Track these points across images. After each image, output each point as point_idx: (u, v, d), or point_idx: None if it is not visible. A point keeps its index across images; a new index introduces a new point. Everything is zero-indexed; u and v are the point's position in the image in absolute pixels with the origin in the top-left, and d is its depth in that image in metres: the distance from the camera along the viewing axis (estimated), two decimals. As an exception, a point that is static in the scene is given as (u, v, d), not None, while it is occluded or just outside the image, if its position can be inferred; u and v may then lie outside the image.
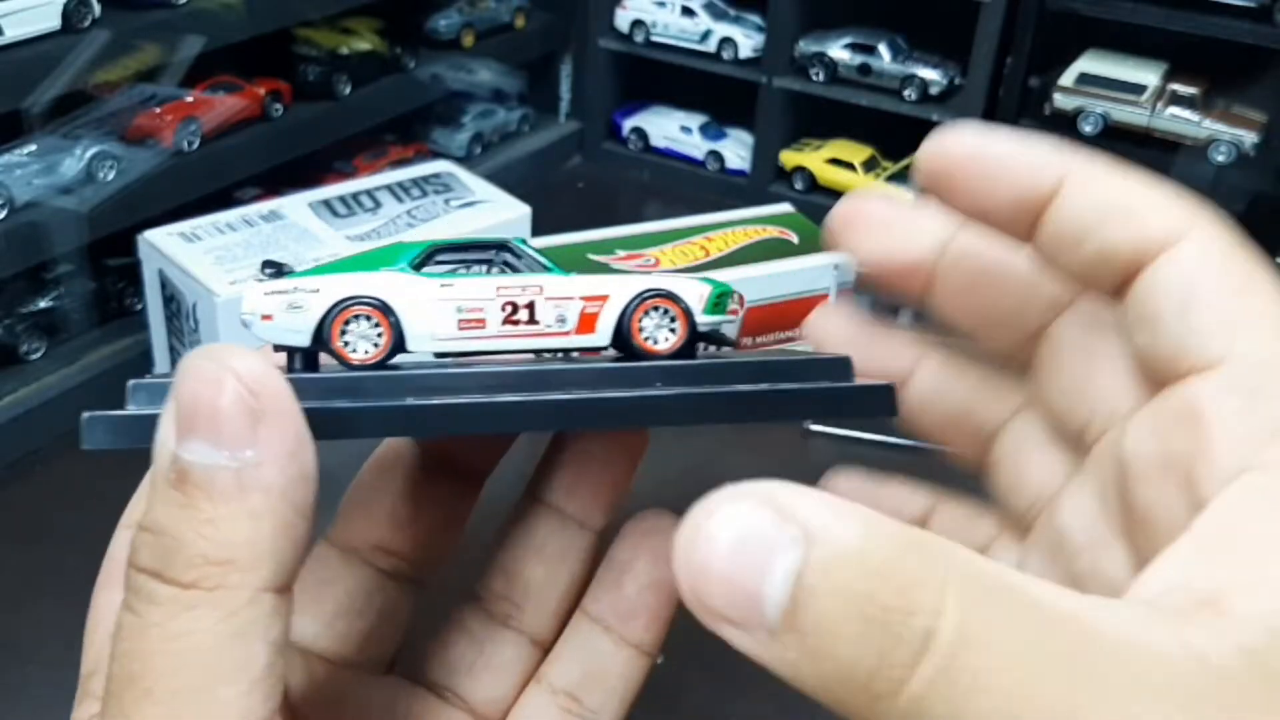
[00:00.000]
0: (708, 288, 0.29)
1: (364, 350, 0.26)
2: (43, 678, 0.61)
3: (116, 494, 0.81)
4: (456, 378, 0.25)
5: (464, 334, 0.27)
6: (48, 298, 0.82)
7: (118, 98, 0.85)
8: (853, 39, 1.15)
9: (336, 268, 0.27)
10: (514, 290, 0.27)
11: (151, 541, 0.22)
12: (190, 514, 0.22)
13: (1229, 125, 1.04)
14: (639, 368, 0.27)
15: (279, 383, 0.22)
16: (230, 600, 0.22)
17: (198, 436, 0.22)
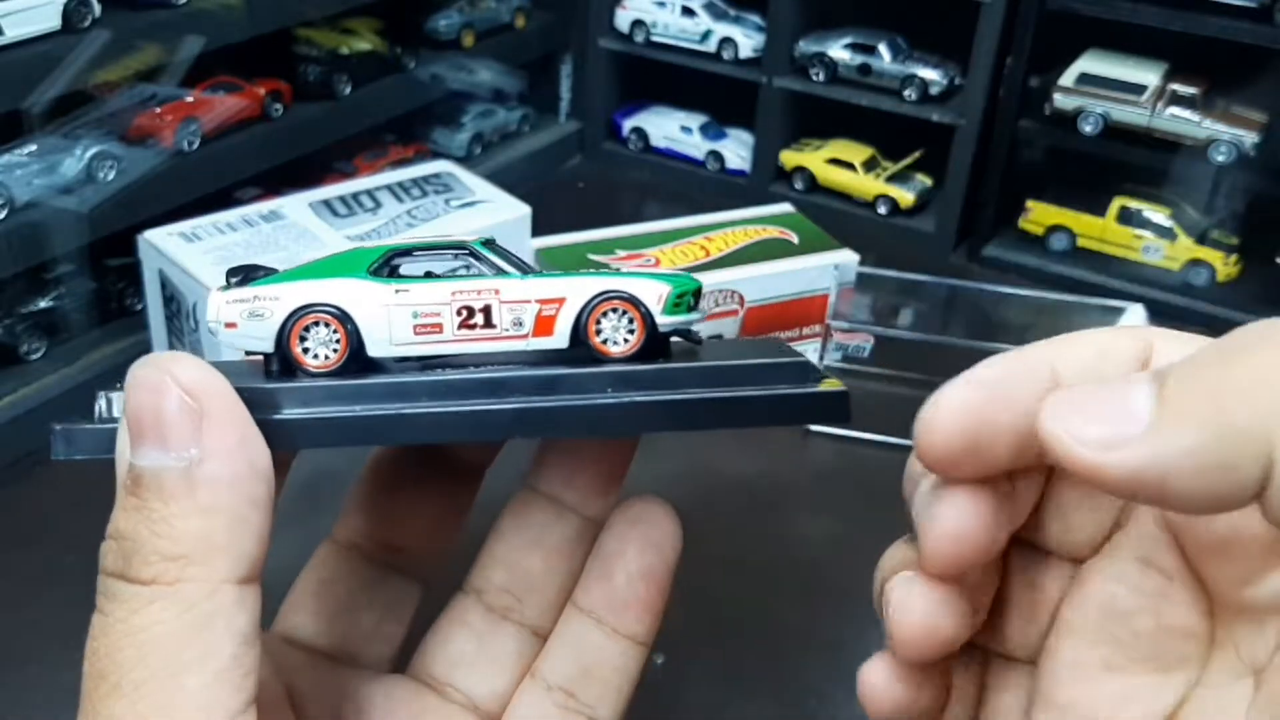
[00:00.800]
0: (667, 287, 0.28)
1: (323, 356, 0.27)
2: (43, 678, 0.61)
3: (115, 496, 0.81)
4: (405, 385, 0.25)
5: (420, 339, 0.27)
6: (48, 298, 0.82)
7: (118, 98, 0.85)
8: (853, 39, 1.15)
9: (297, 274, 0.27)
10: (469, 294, 0.27)
11: (115, 547, 0.23)
12: (145, 515, 0.23)
13: (1229, 125, 1.04)
14: (590, 374, 0.26)
15: (219, 383, 0.23)
16: (189, 593, 0.22)
17: (147, 442, 0.23)
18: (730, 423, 0.27)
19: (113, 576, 0.23)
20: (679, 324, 0.28)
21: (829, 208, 1.16)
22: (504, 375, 0.26)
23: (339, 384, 0.26)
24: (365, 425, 0.25)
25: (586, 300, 0.27)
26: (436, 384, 0.25)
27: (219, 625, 0.22)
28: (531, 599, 0.32)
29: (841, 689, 0.65)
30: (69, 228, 0.80)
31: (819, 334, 0.88)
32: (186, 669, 0.22)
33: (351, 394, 0.25)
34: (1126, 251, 1.11)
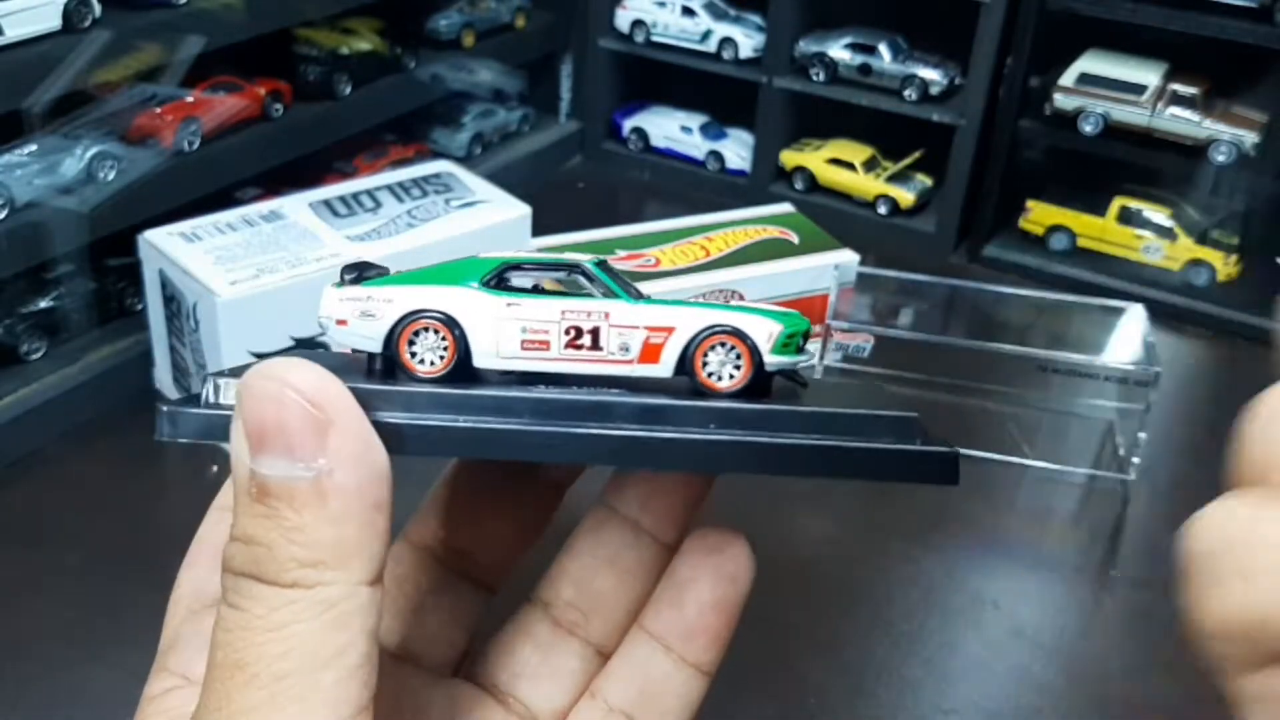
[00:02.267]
0: (779, 326, 0.27)
1: (429, 362, 0.27)
2: (43, 677, 0.61)
3: (117, 494, 0.81)
4: (510, 401, 0.25)
5: (526, 354, 0.27)
6: (48, 298, 0.82)
7: (118, 98, 0.85)
8: (853, 39, 1.15)
9: (412, 278, 0.27)
10: (579, 315, 0.27)
11: (244, 550, 0.23)
12: (277, 523, 0.23)
13: (1229, 125, 1.04)
14: (694, 407, 0.26)
15: (339, 390, 0.23)
16: (328, 595, 0.23)
17: (271, 452, 0.23)
18: (833, 472, 0.26)
19: (247, 577, 0.23)
20: (785, 364, 0.28)
21: (829, 208, 1.17)
22: (609, 400, 0.26)
23: (443, 392, 0.26)
24: (468, 437, 0.25)
25: (696, 332, 0.27)
26: (540, 402, 0.25)
27: (355, 625, 0.23)
28: (598, 617, 0.32)
29: (842, 689, 0.65)
30: (69, 228, 0.80)
31: (819, 334, 0.88)
32: (325, 665, 0.23)
33: (455, 404, 0.25)
34: (1127, 251, 1.11)
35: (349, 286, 0.27)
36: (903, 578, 0.70)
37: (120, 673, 0.60)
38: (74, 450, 0.78)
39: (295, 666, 0.23)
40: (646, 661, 0.31)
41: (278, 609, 0.23)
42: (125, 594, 0.67)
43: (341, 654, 0.23)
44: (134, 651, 0.28)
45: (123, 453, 0.79)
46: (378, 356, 0.28)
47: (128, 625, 0.64)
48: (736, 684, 0.31)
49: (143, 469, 0.79)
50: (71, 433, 0.79)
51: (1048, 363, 0.83)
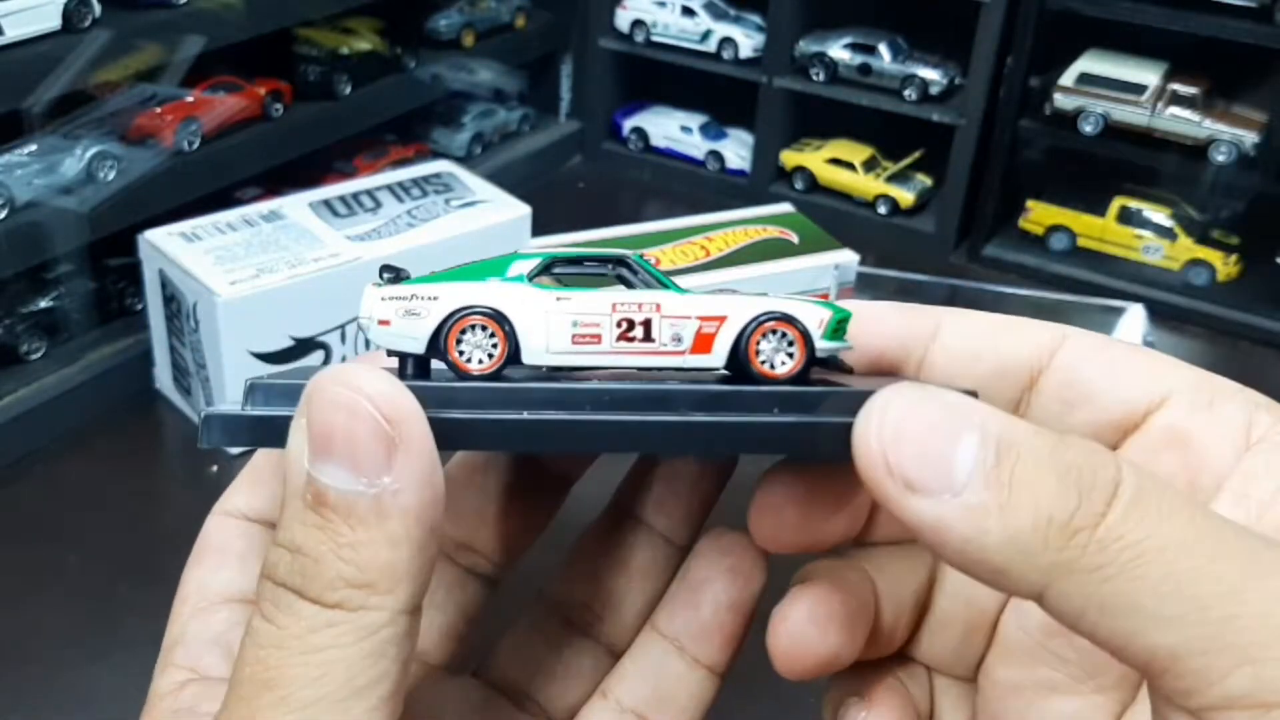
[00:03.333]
0: (828, 312, 0.27)
1: (479, 360, 0.26)
2: (43, 677, 0.61)
3: (117, 494, 0.81)
4: (569, 393, 0.25)
5: (578, 348, 0.26)
6: (48, 298, 0.82)
7: (118, 98, 0.85)
8: (853, 39, 1.15)
9: (453, 275, 0.27)
10: (631, 307, 0.26)
11: (290, 559, 0.22)
12: (329, 536, 0.22)
13: (1230, 125, 1.04)
14: (756, 392, 0.26)
15: (413, 407, 0.22)
16: (371, 621, 0.22)
17: (334, 461, 0.22)
18: None
19: (289, 590, 0.22)
20: (836, 349, 0.27)
21: (829, 207, 1.16)
22: (669, 389, 0.25)
23: (500, 387, 0.25)
24: (529, 430, 0.24)
25: (749, 319, 0.27)
26: (600, 393, 0.25)
27: (392, 654, 0.22)
28: (611, 617, 0.32)
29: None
30: (69, 227, 0.80)
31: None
32: (358, 695, 0.22)
33: (514, 399, 0.25)
34: (1127, 251, 1.11)
35: (390, 285, 0.27)
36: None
37: (120, 672, 0.60)
38: (74, 450, 0.78)
39: (328, 693, 0.22)
40: (660, 662, 0.31)
41: (317, 630, 0.22)
42: (125, 594, 0.67)
43: (376, 683, 0.22)
44: (134, 651, 0.28)
45: (123, 452, 0.79)
46: (410, 360, 0.27)
47: (128, 625, 0.64)
48: (736, 683, 0.31)
49: (143, 469, 0.79)
50: (71, 433, 0.79)
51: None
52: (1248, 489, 0.24)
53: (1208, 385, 0.25)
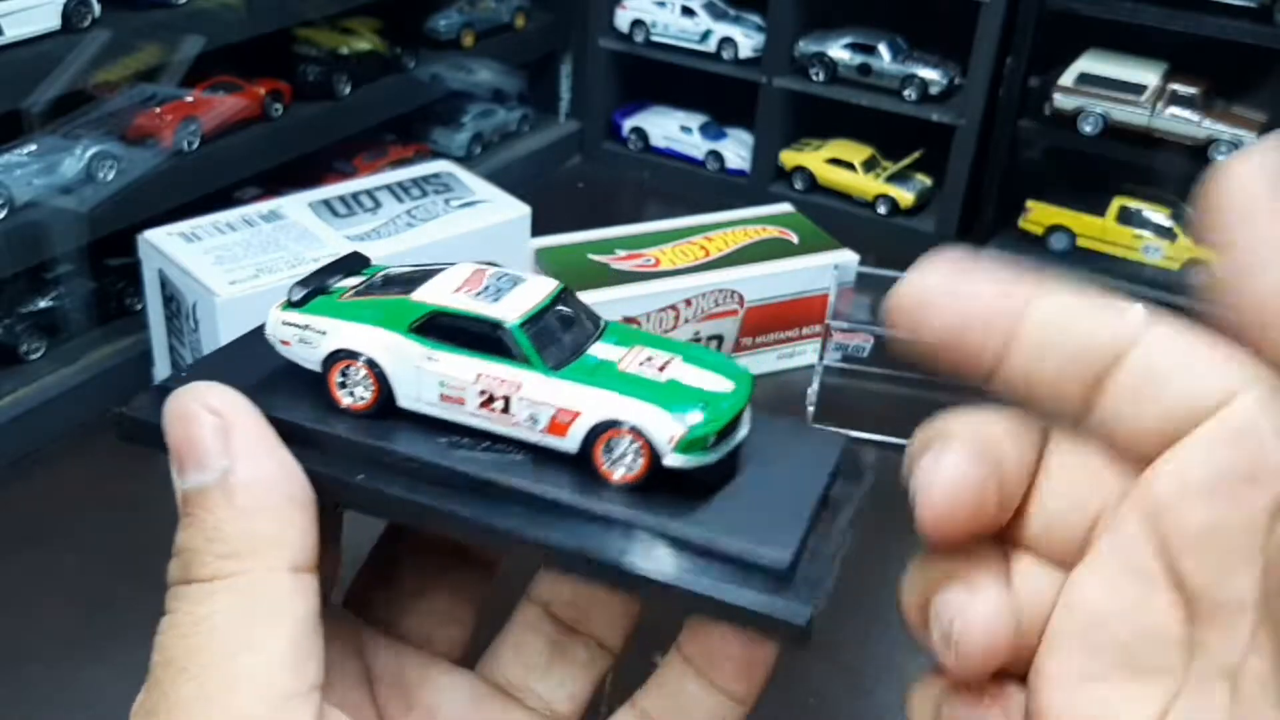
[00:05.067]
0: (681, 429, 0.26)
1: (356, 398, 0.28)
2: (43, 677, 0.61)
3: (116, 495, 0.81)
4: (382, 454, 0.27)
5: (445, 405, 0.27)
6: (48, 297, 0.82)
7: (118, 98, 0.85)
8: (852, 39, 1.15)
9: (350, 312, 0.28)
10: (493, 381, 0.27)
11: (175, 561, 0.25)
12: (197, 527, 0.25)
13: (1229, 125, 1.04)
14: (572, 507, 0.26)
15: (238, 399, 0.25)
16: (246, 583, 0.24)
17: (189, 467, 0.25)
18: (683, 607, 0.27)
19: (177, 584, 0.25)
20: (692, 465, 0.27)
21: (829, 207, 1.16)
22: (495, 479, 0.26)
23: (336, 435, 0.27)
24: (330, 485, 0.26)
25: (597, 422, 0.27)
26: (419, 466, 0.26)
27: (277, 610, 0.25)
28: (598, 614, 0.32)
29: (841, 688, 0.65)
30: (69, 227, 0.80)
31: (819, 334, 0.88)
32: (247, 649, 0.24)
33: (362, 454, 0.27)
34: (1126, 251, 1.11)
35: (291, 311, 0.28)
36: (903, 578, 0.70)
37: (121, 672, 0.60)
38: (74, 450, 0.78)
39: (216, 655, 0.24)
40: (679, 685, 0.31)
41: (200, 603, 0.25)
42: (125, 593, 0.67)
43: (264, 639, 0.24)
44: (134, 651, 0.28)
45: (123, 452, 0.78)
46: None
47: (128, 625, 0.64)
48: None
49: (143, 469, 0.78)
50: (71, 432, 0.79)
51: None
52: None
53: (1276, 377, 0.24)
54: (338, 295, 0.29)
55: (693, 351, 0.29)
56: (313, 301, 0.29)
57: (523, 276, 0.29)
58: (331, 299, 0.29)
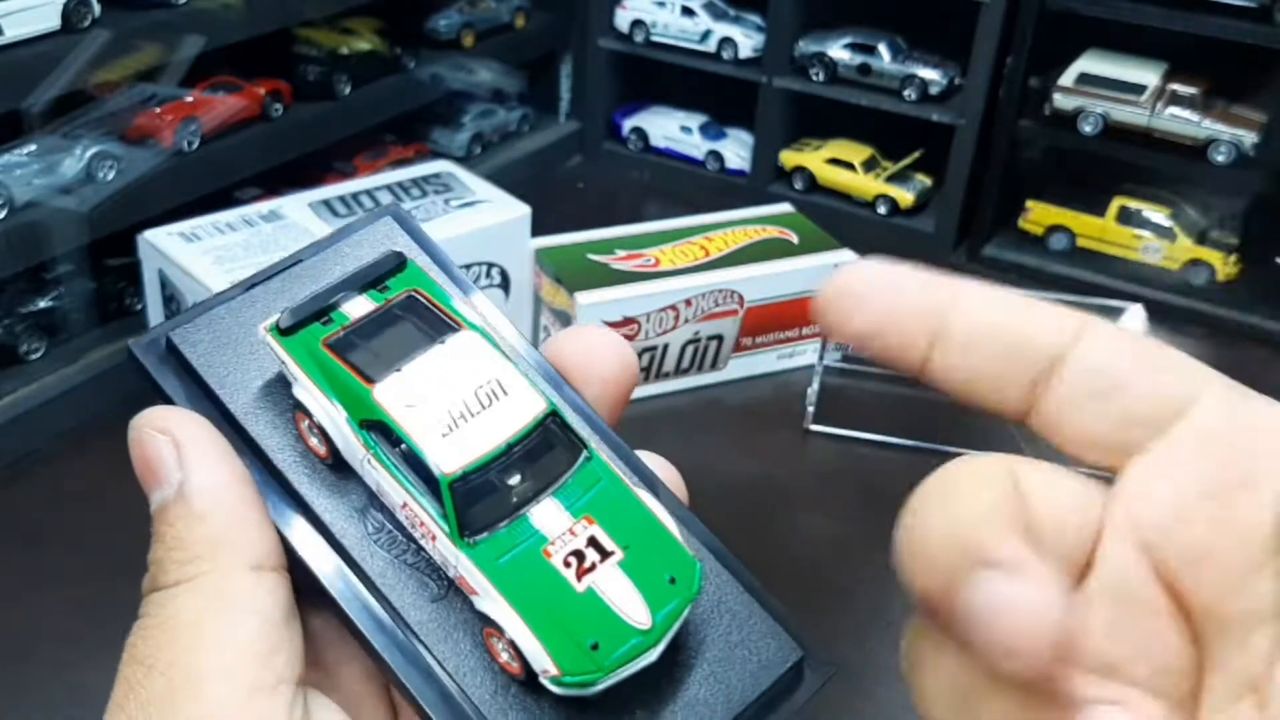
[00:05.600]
0: (554, 672, 0.24)
1: (316, 444, 0.28)
2: (42, 676, 0.61)
3: (116, 494, 0.81)
4: (320, 523, 0.27)
5: (380, 491, 0.27)
6: (48, 297, 0.82)
7: (118, 98, 0.85)
8: (852, 39, 1.15)
9: (316, 369, 0.27)
10: (414, 515, 0.26)
11: (147, 575, 0.26)
12: (161, 540, 0.26)
13: (1229, 125, 1.04)
14: (438, 659, 0.26)
15: (190, 417, 0.27)
16: (208, 583, 0.26)
17: (152, 487, 0.26)
18: None
19: (146, 593, 0.26)
20: (570, 695, 0.25)
21: (828, 208, 1.16)
22: (379, 585, 0.26)
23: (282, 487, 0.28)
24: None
25: (484, 612, 0.25)
26: (331, 538, 0.27)
27: (240, 606, 0.26)
28: None
29: (842, 689, 0.65)
30: (69, 227, 0.80)
31: (819, 334, 0.88)
32: (212, 645, 0.25)
33: (285, 502, 0.27)
34: (1126, 251, 1.11)
35: (275, 338, 0.27)
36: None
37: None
38: (73, 449, 0.78)
39: (181, 651, 0.25)
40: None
41: (165, 606, 0.26)
42: (124, 593, 0.67)
43: (228, 635, 0.25)
44: (134, 651, 0.28)
45: (122, 452, 0.78)
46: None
47: (127, 625, 0.64)
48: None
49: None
50: (71, 432, 0.79)
51: (1047, 363, 0.83)
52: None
53: (1238, 386, 0.24)
54: (324, 334, 0.27)
55: (651, 541, 0.26)
56: (299, 333, 0.27)
57: (521, 385, 0.26)
58: (315, 337, 0.27)
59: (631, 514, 0.25)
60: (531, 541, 0.25)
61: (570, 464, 0.26)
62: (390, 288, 0.28)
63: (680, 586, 0.25)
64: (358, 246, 0.30)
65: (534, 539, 0.25)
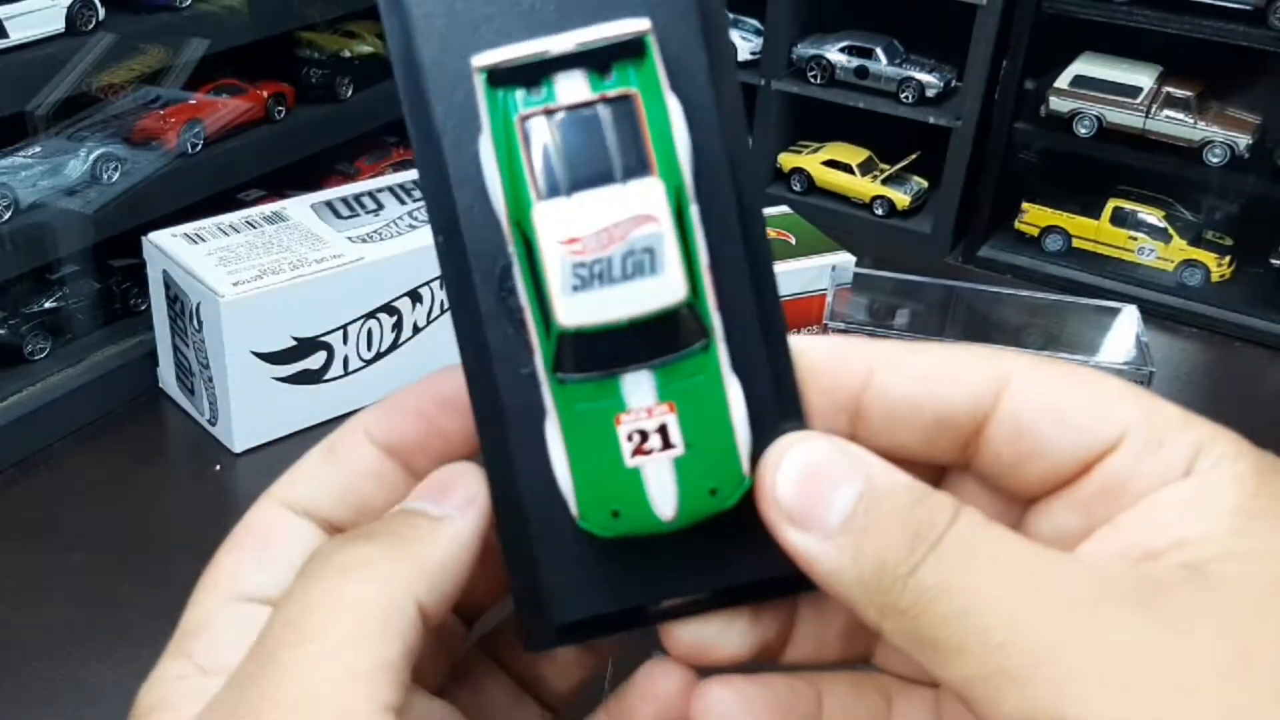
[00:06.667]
0: (576, 510, 0.26)
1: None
2: (47, 675, 0.62)
3: (121, 495, 0.81)
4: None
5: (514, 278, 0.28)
6: (52, 298, 0.83)
7: (122, 100, 0.86)
8: (850, 42, 1.16)
9: (504, 144, 0.25)
10: (529, 323, 0.26)
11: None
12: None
13: (1223, 127, 1.05)
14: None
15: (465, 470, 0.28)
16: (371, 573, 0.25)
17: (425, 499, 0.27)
18: None
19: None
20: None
21: (826, 209, 1.17)
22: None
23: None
24: None
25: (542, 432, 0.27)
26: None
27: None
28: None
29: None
30: (73, 229, 0.81)
31: (817, 334, 0.88)
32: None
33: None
34: (1121, 252, 1.11)
35: (483, 80, 0.25)
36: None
37: (124, 671, 0.61)
38: (78, 450, 0.79)
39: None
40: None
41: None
42: (129, 593, 0.67)
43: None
44: (137, 649, 0.27)
45: (126, 452, 0.79)
46: None
47: (131, 624, 0.65)
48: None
49: (146, 468, 0.79)
50: (75, 432, 0.79)
51: (1043, 363, 0.83)
52: (1137, 520, 0.24)
53: (1160, 422, 0.25)
54: (527, 105, 0.25)
55: (714, 447, 0.26)
56: (505, 89, 0.25)
57: (673, 264, 0.24)
58: (516, 105, 0.25)
59: (712, 416, 0.25)
60: (610, 404, 0.25)
61: (683, 347, 0.25)
62: (614, 76, 0.25)
63: (719, 498, 0.26)
64: None
65: (613, 403, 0.25)
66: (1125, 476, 0.24)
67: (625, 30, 0.24)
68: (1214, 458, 0.24)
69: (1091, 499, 0.25)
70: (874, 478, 0.24)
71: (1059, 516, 0.26)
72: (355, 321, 0.79)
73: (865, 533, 0.24)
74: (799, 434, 0.25)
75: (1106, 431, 0.25)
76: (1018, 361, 0.26)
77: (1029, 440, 0.25)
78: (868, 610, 0.24)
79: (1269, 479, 0.23)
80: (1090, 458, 0.25)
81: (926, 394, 0.26)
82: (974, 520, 0.23)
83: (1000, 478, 0.26)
